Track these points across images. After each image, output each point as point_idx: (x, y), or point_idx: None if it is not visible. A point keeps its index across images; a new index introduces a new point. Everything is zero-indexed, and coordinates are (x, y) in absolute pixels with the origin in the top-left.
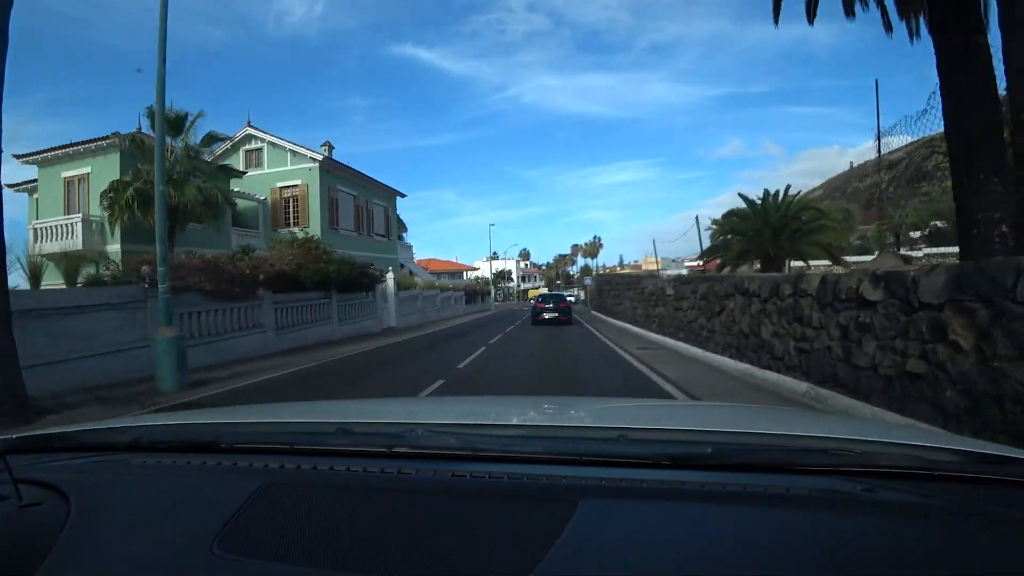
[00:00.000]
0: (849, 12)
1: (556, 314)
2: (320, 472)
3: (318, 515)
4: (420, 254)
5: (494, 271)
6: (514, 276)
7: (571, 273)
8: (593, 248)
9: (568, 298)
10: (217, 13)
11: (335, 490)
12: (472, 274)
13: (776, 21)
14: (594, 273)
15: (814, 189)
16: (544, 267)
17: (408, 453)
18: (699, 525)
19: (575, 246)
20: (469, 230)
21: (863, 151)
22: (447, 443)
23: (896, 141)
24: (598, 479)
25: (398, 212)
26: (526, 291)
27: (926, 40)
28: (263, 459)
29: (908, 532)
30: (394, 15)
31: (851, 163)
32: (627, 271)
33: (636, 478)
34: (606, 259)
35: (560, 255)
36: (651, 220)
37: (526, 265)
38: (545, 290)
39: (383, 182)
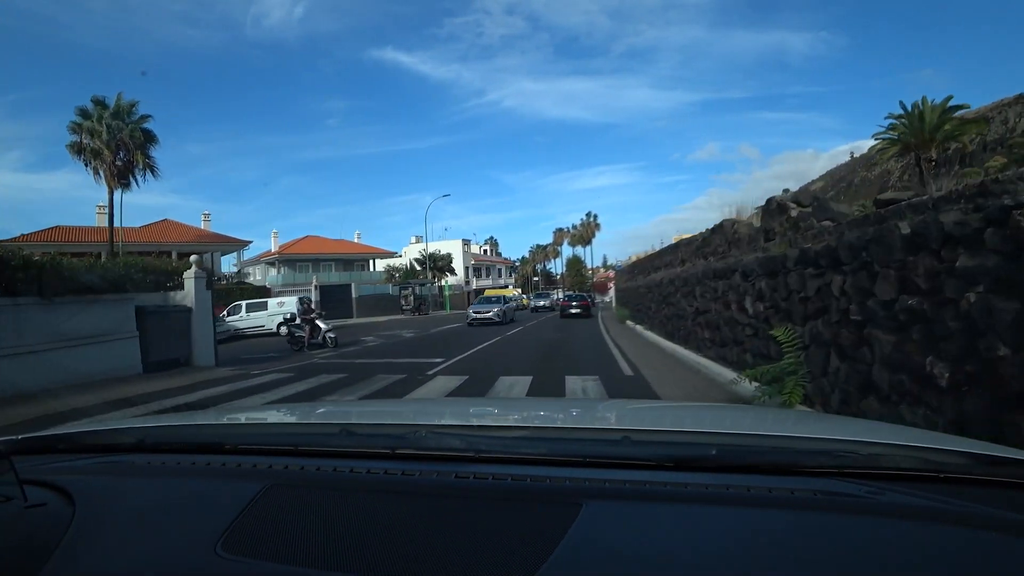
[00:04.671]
0: None
1: (579, 310)
2: (324, 473)
3: (322, 516)
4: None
5: (423, 254)
6: (458, 267)
7: (552, 273)
8: (587, 231)
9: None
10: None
11: (339, 491)
12: (392, 262)
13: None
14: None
15: (814, 181)
16: (519, 263)
17: (411, 455)
18: (703, 527)
19: (560, 230)
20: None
21: (835, 154)
22: (450, 444)
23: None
24: (602, 481)
25: None
26: (481, 290)
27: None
28: (267, 460)
29: (914, 535)
30: (371, 18)
31: (851, 153)
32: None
33: (640, 480)
34: (592, 259)
35: (538, 245)
36: (632, 223)
37: (487, 252)
38: (519, 291)
39: None
